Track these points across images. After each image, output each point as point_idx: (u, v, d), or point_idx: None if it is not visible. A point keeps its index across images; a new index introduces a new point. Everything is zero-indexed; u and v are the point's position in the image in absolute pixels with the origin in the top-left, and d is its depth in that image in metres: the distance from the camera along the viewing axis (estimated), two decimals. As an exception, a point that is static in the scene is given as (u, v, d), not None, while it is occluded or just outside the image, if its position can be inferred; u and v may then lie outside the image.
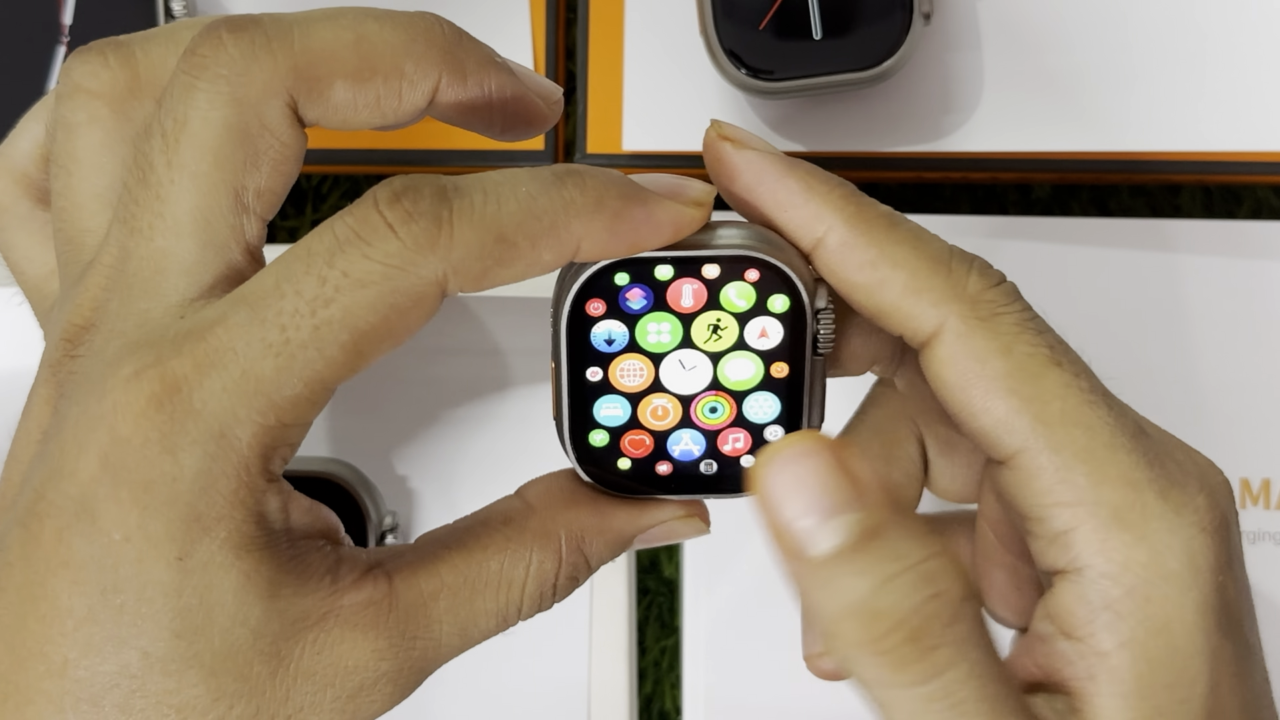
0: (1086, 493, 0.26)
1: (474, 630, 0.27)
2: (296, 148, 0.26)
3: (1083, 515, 0.26)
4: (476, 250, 0.24)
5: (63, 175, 0.28)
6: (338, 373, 0.24)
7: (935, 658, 0.24)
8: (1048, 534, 0.27)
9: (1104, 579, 0.26)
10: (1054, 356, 0.27)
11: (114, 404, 0.24)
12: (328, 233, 0.24)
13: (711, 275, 0.27)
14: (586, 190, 0.25)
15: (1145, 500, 0.26)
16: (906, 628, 0.24)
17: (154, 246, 0.25)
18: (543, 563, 0.27)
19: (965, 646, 0.25)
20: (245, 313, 0.24)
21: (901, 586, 0.25)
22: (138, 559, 0.24)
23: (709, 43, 0.46)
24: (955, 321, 0.27)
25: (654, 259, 0.27)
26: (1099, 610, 0.26)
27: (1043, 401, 0.27)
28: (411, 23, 0.27)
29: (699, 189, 0.27)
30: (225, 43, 0.26)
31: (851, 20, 0.45)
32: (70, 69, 0.28)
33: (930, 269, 0.27)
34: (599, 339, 0.28)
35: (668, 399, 0.28)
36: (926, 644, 0.24)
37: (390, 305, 0.24)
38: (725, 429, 0.29)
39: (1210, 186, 0.53)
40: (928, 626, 0.25)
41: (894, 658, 0.24)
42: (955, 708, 0.25)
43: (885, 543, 0.25)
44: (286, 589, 0.25)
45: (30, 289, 0.31)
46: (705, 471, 0.29)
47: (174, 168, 0.25)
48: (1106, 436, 0.27)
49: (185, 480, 0.24)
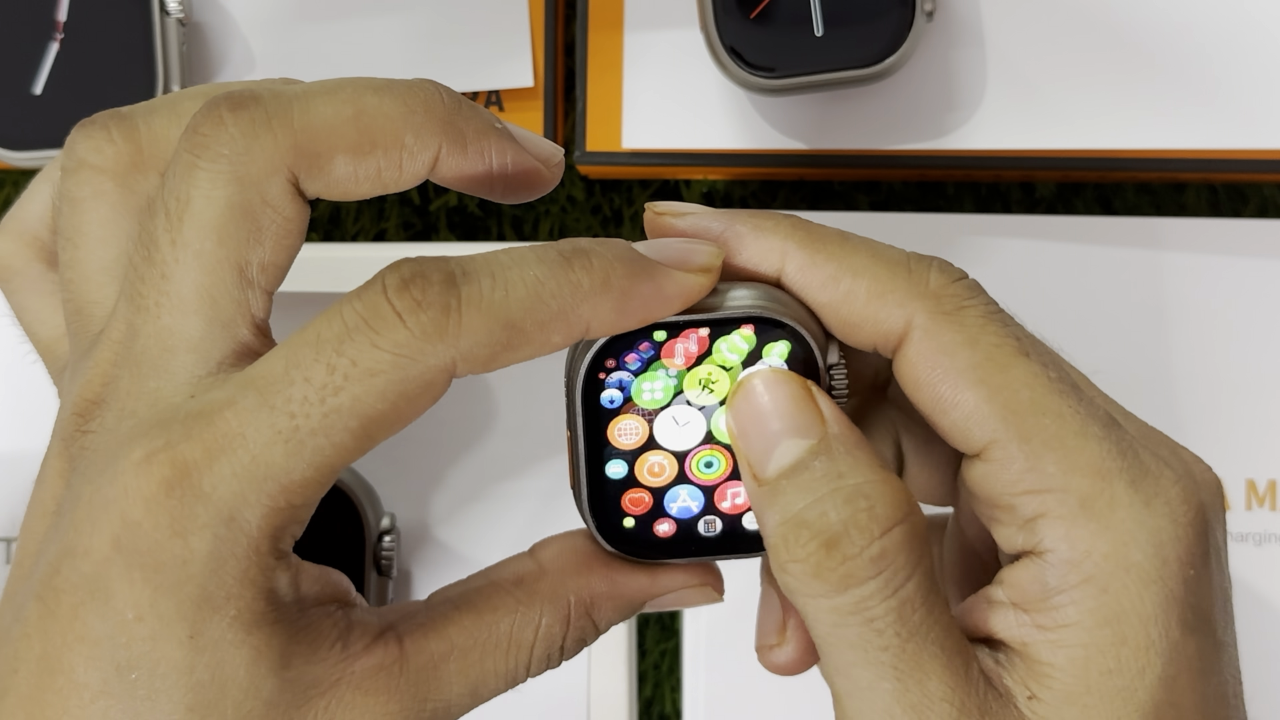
0: (1055, 480, 0.27)
1: (484, 690, 0.27)
2: (299, 221, 0.27)
3: (1050, 502, 0.27)
4: (485, 338, 0.25)
5: (69, 248, 0.29)
6: (346, 457, 0.25)
7: (851, 569, 0.25)
8: (1016, 521, 0.27)
9: (1064, 565, 0.27)
10: (1021, 347, 0.27)
11: (125, 487, 0.24)
12: (337, 318, 0.25)
13: (733, 339, 0.28)
14: (594, 272, 0.26)
15: (1114, 490, 0.27)
16: (823, 536, 0.26)
17: (161, 324, 0.26)
18: (550, 626, 0.28)
19: (890, 567, 0.26)
20: (255, 398, 0.24)
21: (831, 500, 0.26)
22: (150, 637, 0.24)
23: (709, 39, 0.45)
24: (921, 318, 0.27)
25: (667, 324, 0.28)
26: (1053, 594, 0.27)
27: (1011, 390, 0.27)
28: (411, 93, 0.27)
29: (705, 255, 0.28)
30: (226, 122, 0.26)
31: (853, 16, 0.45)
32: (74, 144, 0.29)
33: (890, 272, 0.28)
34: (611, 404, 0.28)
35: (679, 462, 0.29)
36: (842, 553, 0.25)
37: (399, 393, 0.25)
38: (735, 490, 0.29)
39: (1216, 185, 0.53)
40: (846, 536, 0.26)
41: (809, 565, 0.26)
42: (869, 624, 0.26)
43: (827, 462, 0.26)
44: (298, 659, 0.25)
45: (43, 350, 0.32)
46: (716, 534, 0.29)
47: (178, 246, 0.26)
48: (1077, 425, 0.27)
49: (196, 563, 0.24)
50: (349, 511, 0.46)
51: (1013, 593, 0.28)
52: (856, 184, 0.53)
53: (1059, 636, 0.27)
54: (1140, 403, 0.49)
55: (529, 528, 0.48)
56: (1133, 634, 0.26)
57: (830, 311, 0.28)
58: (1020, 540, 0.27)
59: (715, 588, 0.30)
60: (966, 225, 0.50)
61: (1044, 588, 0.27)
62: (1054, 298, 0.49)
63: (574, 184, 0.53)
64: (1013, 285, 0.49)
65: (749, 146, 0.49)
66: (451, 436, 0.49)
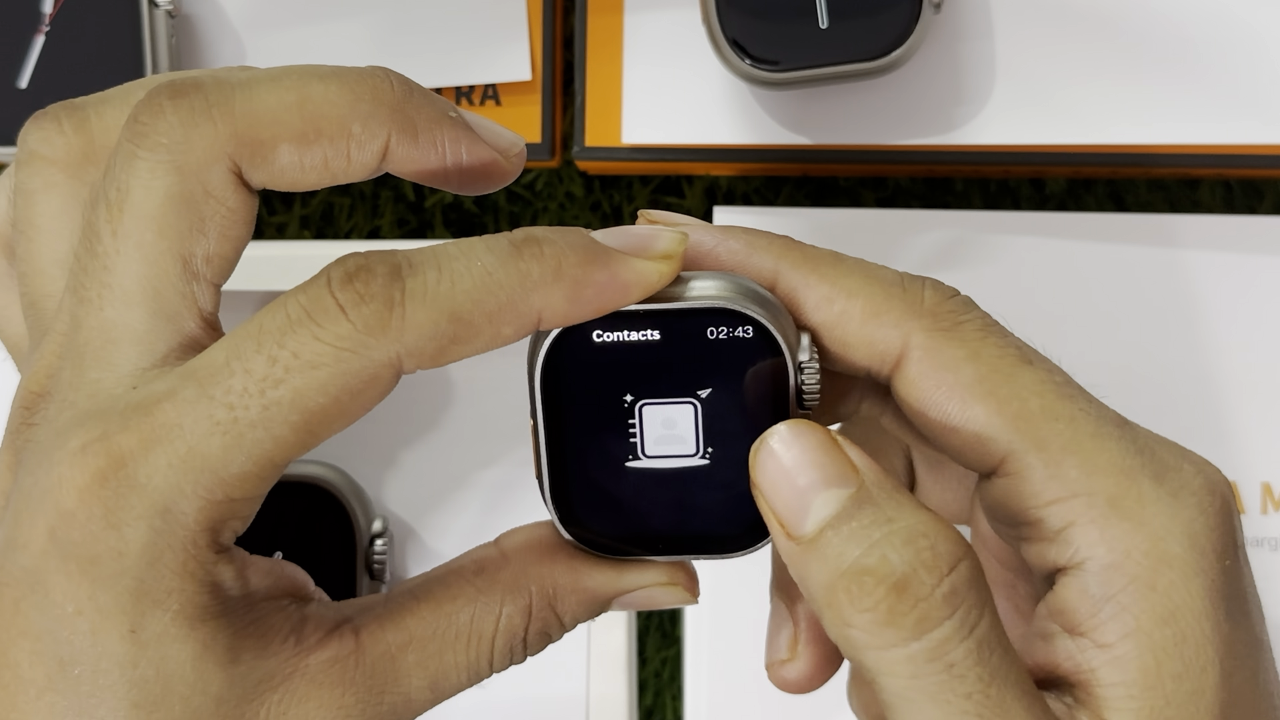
0: (1079, 484, 0.26)
1: (445, 684, 0.27)
2: (244, 212, 0.27)
3: (1078, 508, 0.26)
4: (430, 331, 0.25)
5: (24, 241, 0.29)
6: (288, 451, 0.25)
7: (925, 610, 0.24)
8: (1045, 535, 0.27)
9: (1106, 570, 0.26)
10: (1023, 356, 0.27)
11: (59, 478, 0.24)
12: (280, 311, 0.25)
13: (683, 328, 0.27)
14: (544, 260, 0.25)
15: (1140, 486, 0.26)
16: (891, 580, 0.24)
17: (103, 316, 0.26)
18: (512, 617, 0.28)
19: (963, 605, 0.25)
20: (194, 389, 0.24)
21: (889, 543, 0.25)
22: (91, 631, 0.24)
23: (711, 31, 0.45)
24: (919, 337, 0.27)
25: (624, 314, 0.27)
26: (1102, 603, 0.26)
27: (1021, 400, 0.27)
28: (359, 81, 0.27)
29: (667, 242, 0.27)
30: (165, 110, 0.26)
31: (859, 8, 0.45)
32: (26, 135, 0.29)
33: (885, 292, 0.27)
34: (574, 395, 0.28)
35: (644, 456, 0.28)
36: (914, 595, 0.24)
37: (341, 387, 0.24)
38: (705, 487, 0.28)
39: (1231, 181, 0.53)
40: (915, 578, 0.24)
41: (881, 613, 0.24)
42: (949, 670, 0.24)
43: (874, 508, 0.25)
44: (248, 653, 0.25)
45: (11, 347, 0.32)
46: (687, 531, 0.29)
47: (119, 237, 0.26)
48: (1091, 427, 0.27)
49: (131, 555, 0.24)
50: (338, 515, 0.46)
51: (1060, 618, 0.27)
52: (862, 180, 0.53)
53: (1122, 651, 0.26)
54: (1153, 403, 0.48)
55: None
56: (1190, 630, 0.26)
57: (825, 333, 0.28)
58: (1053, 555, 0.27)
59: (687, 588, 0.29)
60: (975, 222, 0.50)
61: (1091, 600, 0.26)
62: (1064, 296, 0.49)
63: (573, 180, 0.53)
64: (1022, 284, 0.49)
65: (752, 141, 0.49)
66: (447, 437, 0.48)
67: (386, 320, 0.24)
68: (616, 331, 0.27)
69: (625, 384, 0.27)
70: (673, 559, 0.29)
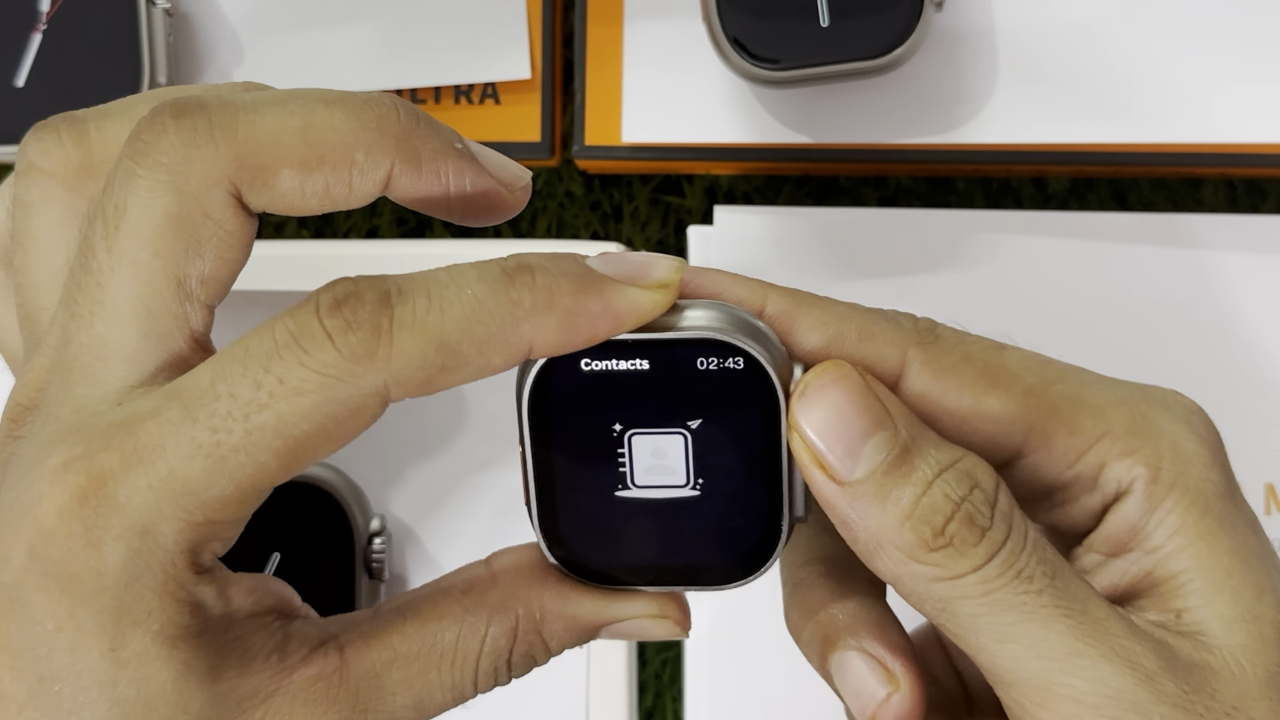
0: (1097, 428, 0.28)
1: (429, 704, 0.27)
2: (243, 235, 0.26)
3: (1104, 448, 0.28)
4: (418, 360, 0.25)
5: (20, 253, 0.29)
6: (270, 476, 0.25)
7: (992, 536, 0.26)
8: (1085, 486, 0.29)
9: (1147, 486, 0.28)
10: (997, 344, 0.29)
11: (39, 495, 0.24)
12: (268, 334, 0.25)
13: (673, 358, 0.27)
14: (536, 289, 0.25)
15: (1140, 409, 0.29)
16: (961, 513, 0.26)
17: (94, 333, 0.26)
18: (497, 638, 0.28)
19: (1014, 520, 0.27)
20: (178, 410, 0.24)
21: (946, 484, 0.26)
22: (71, 649, 0.24)
23: (712, 30, 0.45)
24: (915, 351, 0.28)
25: (613, 343, 0.27)
26: (1147, 514, 0.28)
27: (1020, 380, 0.28)
28: (365, 108, 0.27)
29: (663, 270, 0.27)
30: (168, 129, 0.26)
31: (860, 6, 0.45)
32: (26, 146, 0.29)
33: (872, 317, 0.28)
34: (562, 423, 0.27)
35: (634, 485, 0.28)
36: (979, 525, 0.26)
37: (326, 414, 0.24)
38: (695, 518, 0.28)
39: (1234, 180, 0.53)
40: (977, 509, 0.26)
41: (956, 545, 0.26)
42: (1019, 576, 0.26)
43: (921, 451, 0.27)
44: (229, 672, 0.25)
45: (9, 358, 0.32)
46: (677, 562, 0.28)
47: (114, 254, 0.26)
48: (1080, 379, 0.29)
49: (110, 574, 0.24)
50: (336, 514, 0.45)
51: (1107, 545, 0.29)
52: (863, 179, 0.53)
53: (1175, 544, 0.28)
54: None
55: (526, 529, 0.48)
56: (1224, 513, 0.28)
57: (821, 357, 0.28)
58: (1097, 500, 0.29)
59: (677, 621, 0.29)
60: (976, 221, 0.49)
61: (1136, 515, 0.28)
62: (1067, 295, 0.49)
63: (572, 179, 0.53)
64: (1024, 283, 0.49)
65: (753, 140, 0.49)
66: (446, 437, 0.48)
67: (374, 348, 0.24)
68: (605, 360, 0.27)
69: (615, 413, 0.27)
70: (663, 590, 0.29)
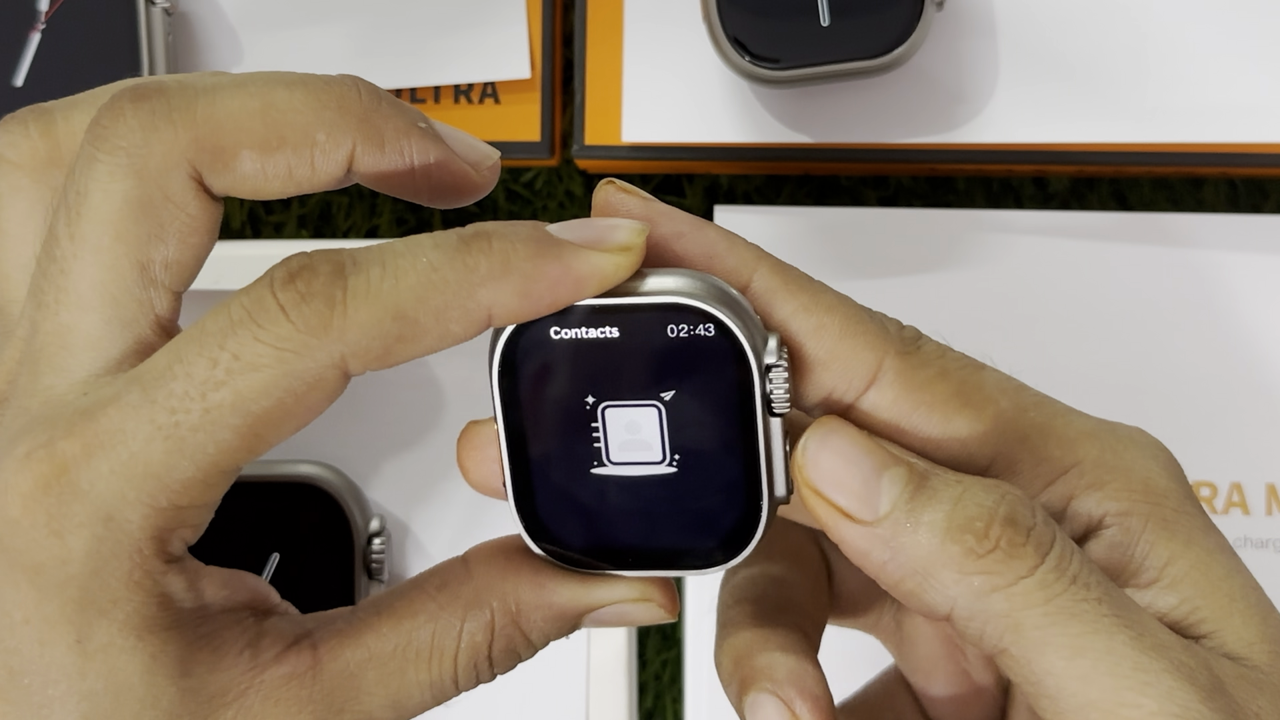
0: (1065, 460, 0.28)
1: (407, 703, 0.27)
2: (205, 219, 0.26)
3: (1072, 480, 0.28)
4: (374, 330, 0.24)
5: None
6: (233, 456, 0.24)
7: (1038, 535, 0.25)
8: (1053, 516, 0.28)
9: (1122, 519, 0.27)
10: (977, 364, 0.28)
11: (4, 484, 0.24)
12: (223, 312, 0.24)
13: (641, 325, 0.26)
14: (492, 254, 0.25)
15: (1108, 443, 0.28)
16: (1001, 514, 0.25)
17: (59, 321, 0.26)
18: (474, 634, 0.27)
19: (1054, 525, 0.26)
20: (138, 393, 0.24)
21: (975, 494, 0.26)
22: (39, 641, 0.24)
23: (712, 29, 0.45)
24: (893, 359, 0.27)
25: (578, 309, 0.26)
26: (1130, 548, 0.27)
27: (993, 403, 0.28)
28: (325, 89, 0.26)
29: (625, 233, 0.26)
30: (125, 113, 0.26)
31: (861, 5, 0.45)
32: None
33: (857, 314, 0.27)
34: (534, 396, 0.26)
35: (609, 462, 0.27)
36: (1024, 524, 0.25)
37: (284, 389, 0.24)
38: (673, 497, 0.27)
39: (1235, 180, 0.53)
40: (1015, 511, 0.25)
41: (1004, 549, 0.25)
42: (1075, 582, 0.25)
43: (939, 473, 0.26)
44: (200, 667, 0.25)
45: None
46: (657, 544, 0.27)
47: (76, 241, 0.26)
48: (1052, 407, 0.28)
49: (75, 563, 0.24)
50: (335, 514, 0.45)
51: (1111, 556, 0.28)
52: (864, 179, 0.53)
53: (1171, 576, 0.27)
54: (1157, 403, 0.48)
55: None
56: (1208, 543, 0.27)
57: (798, 344, 0.27)
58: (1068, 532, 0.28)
59: (662, 604, 0.28)
60: (977, 221, 0.49)
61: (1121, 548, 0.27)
62: (1067, 295, 0.49)
63: (572, 179, 0.53)
64: (1025, 283, 0.49)
65: (753, 140, 0.48)
66: (445, 436, 0.48)
67: (328, 320, 0.24)
68: (574, 328, 0.26)
69: (586, 384, 0.26)
70: (644, 574, 0.28)
